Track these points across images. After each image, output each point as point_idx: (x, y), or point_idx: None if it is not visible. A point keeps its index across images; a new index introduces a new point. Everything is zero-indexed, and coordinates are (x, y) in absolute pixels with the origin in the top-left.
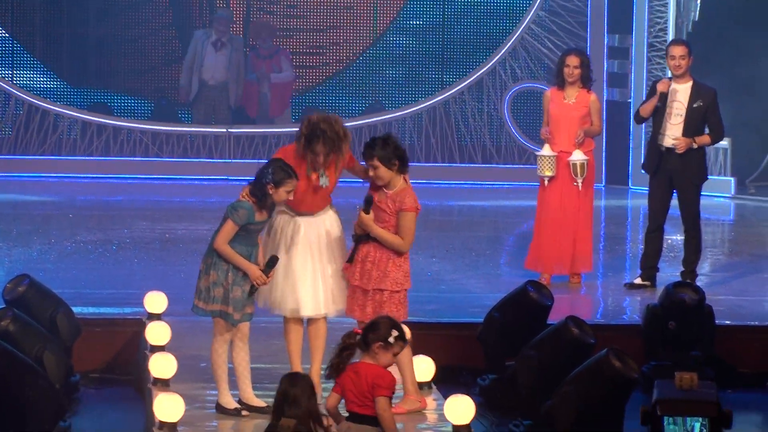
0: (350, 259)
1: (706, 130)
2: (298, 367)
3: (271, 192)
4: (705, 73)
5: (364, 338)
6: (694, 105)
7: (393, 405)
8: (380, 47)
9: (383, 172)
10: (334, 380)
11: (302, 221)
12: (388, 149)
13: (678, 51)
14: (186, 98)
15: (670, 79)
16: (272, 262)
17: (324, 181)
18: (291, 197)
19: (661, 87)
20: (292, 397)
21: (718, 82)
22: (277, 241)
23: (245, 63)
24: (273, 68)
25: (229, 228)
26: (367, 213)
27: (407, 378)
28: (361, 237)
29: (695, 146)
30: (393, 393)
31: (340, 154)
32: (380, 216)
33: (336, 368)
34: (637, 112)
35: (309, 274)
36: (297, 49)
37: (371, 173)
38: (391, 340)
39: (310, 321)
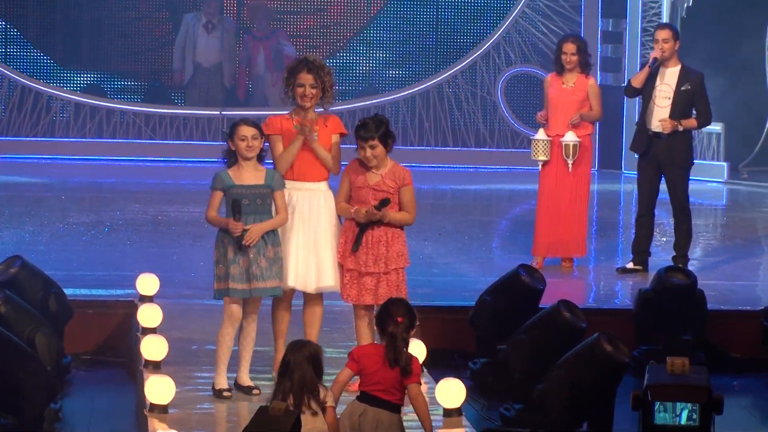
0: (356, 248)
1: (694, 114)
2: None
3: (231, 147)
4: (698, 57)
5: (410, 322)
6: (682, 88)
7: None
8: (373, 30)
9: (380, 151)
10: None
11: (295, 191)
12: (382, 128)
13: (661, 35)
14: (181, 81)
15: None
16: (236, 206)
17: (314, 136)
18: (252, 144)
19: (654, 53)
20: (288, 364)
21: (711, 67)
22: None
23: (240, 44)
24: (271, 49)
25: (211, 197)
26: (382, 212)
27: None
28: (366, 225)
29: (681, 129)
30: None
31: (326, 91)
32: (383, 197)
33: (400, 358)
34: (629, 83)
35: (298, 247)
36: (289, 31)
37: (368, 153)
38: (417, 323)
39: (306, 304)
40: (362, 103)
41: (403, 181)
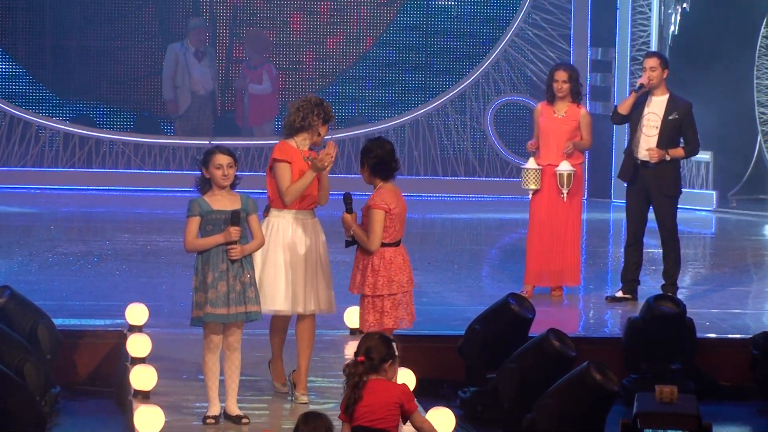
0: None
1: (682, 143)
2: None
3: (206, 175)
4: (685, 85)
5: (371, 363)
6: (670, 117)
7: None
8: (364, 59)
9: (362, 171)
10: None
11: (297, 221)
12: (365, 152)
13: (649, 63)
14: (175, 111)
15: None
16: (235, 215)
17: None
18: (228, 172)
19: (641, 80)
20: None
21: (699, 95)
22: (272, 238)
23: (233, 72)
24: (255, 80)
25: (188, 224)
26: (350, 213)
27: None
28: (349, 242)
29: (668, 158)
30: None
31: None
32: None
33: (354, 404)
34: (615, 110)
35: (302, 272)
36: (281, 63)
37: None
38: (396, 353)
39: (298, 321)
40: (352, 133)
41: (369, 202)
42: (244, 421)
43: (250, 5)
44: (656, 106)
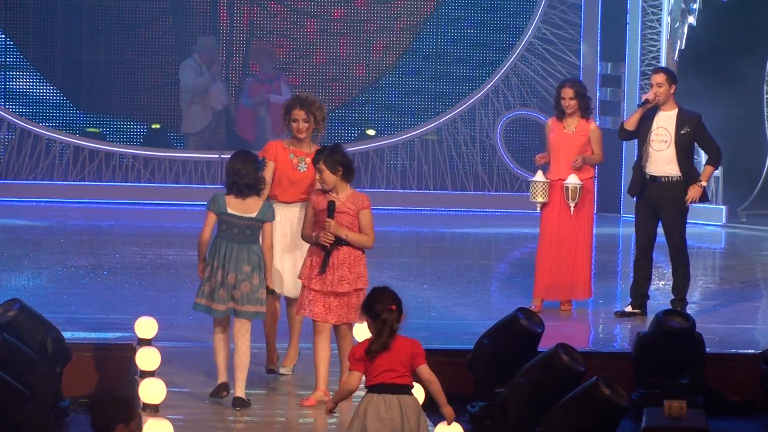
0: (323, 270)
1: (698, 157)
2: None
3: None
4: (693, 100)
5: (399, 313)
6: (681, 132)
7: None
8: (376, 74)
9: (327, 176)
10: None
11: (280, 211)
12: (334, 156)
13: (656, 78)
14: (195, 128)
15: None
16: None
17: (303, 167)
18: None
19: (647, 95)
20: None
21: (708, 110)
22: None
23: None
24: (273, 92)
25: (207, 216)
26: (332, 219)
27: (323, 372)
28: (332, 246)
29: (704, 184)
30: None
31: (318, 126)
32: (343, 220)
33: (383, 350)
34: (621, 126)
35: (283, 260)
36: (295, 82)
37: (317, 176)
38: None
39: (290, 303)
40: (361, 147)
41: (362, 204)
42: (249, 403)
43: (267, 21)
44: (665, 121)
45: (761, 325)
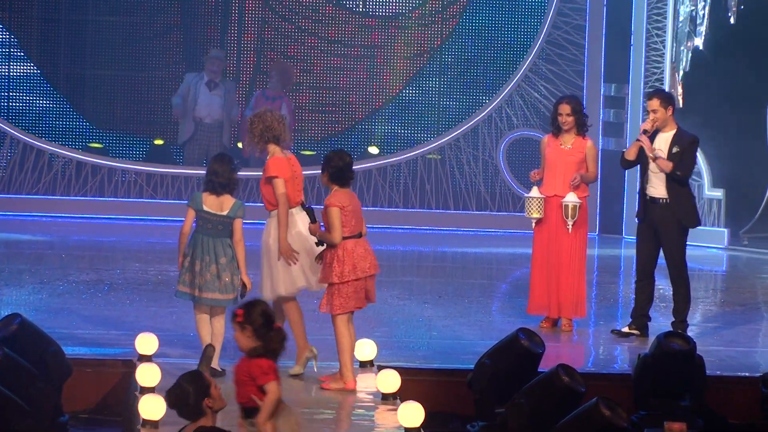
0: (320, 258)
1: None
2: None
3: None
4: (696, 122)
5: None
6: (673, 151)
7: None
8: (379, 94)
9: (321, 177)
10: None
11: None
12: (327, 161)
13: (651, 105)
14: (181, 138)
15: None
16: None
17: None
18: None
19: (644, 125)
20: None
21: (711, 132)
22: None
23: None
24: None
25: (187, 212)
26: (314, 222)
27: (347, 358)
28: (317, 244)
29: (652, 156)
30: None
31: (255, 139)
32: (323, 220)
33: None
34: (622, 156)
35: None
36: (299, 101)
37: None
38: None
39: (286, 301)
40: (363, 166)
41: (325, 202)
42: (223, 373)
43: (276, 39)
44: (663, 142)
45: (762, 347)
